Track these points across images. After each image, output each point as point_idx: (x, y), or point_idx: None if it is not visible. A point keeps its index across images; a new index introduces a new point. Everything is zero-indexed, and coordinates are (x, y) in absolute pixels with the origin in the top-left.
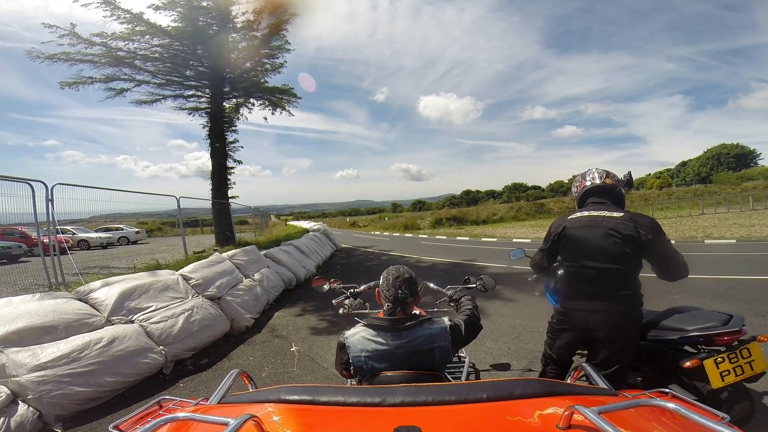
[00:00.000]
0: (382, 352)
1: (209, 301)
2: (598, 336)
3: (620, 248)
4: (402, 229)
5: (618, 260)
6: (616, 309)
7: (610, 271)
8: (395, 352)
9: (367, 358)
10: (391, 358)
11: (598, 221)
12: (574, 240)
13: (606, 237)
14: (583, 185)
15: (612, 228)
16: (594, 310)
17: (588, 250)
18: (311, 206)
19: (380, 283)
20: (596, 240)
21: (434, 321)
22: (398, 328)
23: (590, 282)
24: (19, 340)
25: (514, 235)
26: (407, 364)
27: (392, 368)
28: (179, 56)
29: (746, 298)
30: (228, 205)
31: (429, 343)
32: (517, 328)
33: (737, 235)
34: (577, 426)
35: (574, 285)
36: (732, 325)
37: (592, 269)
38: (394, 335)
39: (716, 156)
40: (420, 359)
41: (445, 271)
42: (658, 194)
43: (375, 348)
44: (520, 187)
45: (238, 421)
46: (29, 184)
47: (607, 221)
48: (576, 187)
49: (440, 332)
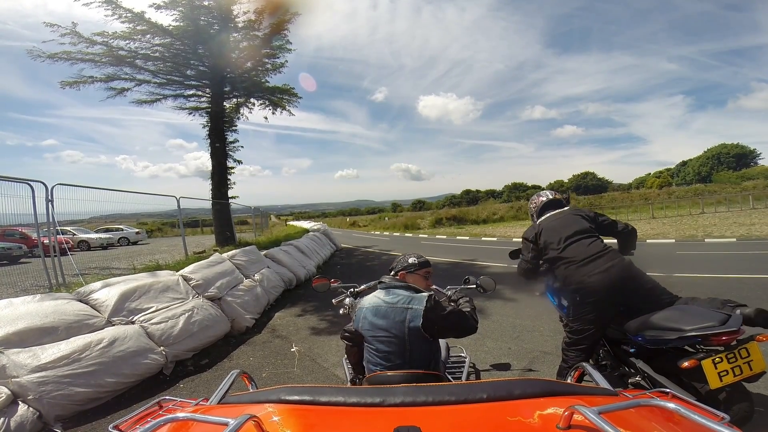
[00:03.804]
0: (375, 305)
1: (209, 302)
2: (621, 290)
3: (586, 223)
4: (402, 228)
5: (589, 231)
6: (614, 262)
7: (588, 239)
8: (381, 305)
9: (366, 309)
10: (378, 311)
11: (562, 213)
12: (550, 230)
13: (573, 219)
14: (540, 201)
15: (574, 213)
16: (599, 270)
17: (563, 231)
18: (311, 206)
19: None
20: (566, 223)
21: (419, 290)
22: (388, 286)
23: (580, 252)
24: (19, 341)
25: (514, 235)
26: (386, 317)
27: (377, 320)
28: (180, 56)
29: (746, 297)
30: (228, 205)
31: (405, 303)
32: (518, 328)
33: (737, 234)
34: (578, 426)
35: (569, 263)
36: (730, 325)
37: (574, 242)
38: (386, 292)
39: (716, 156)
40: (395, 316)
41: (445, 271)
42: (658, 193)
43: (373, 302)
44: (520, 187)
45: (238, 421)
46: (29, 184)
47: (568, 211)
48: (534, 204)
49: (419, 299)
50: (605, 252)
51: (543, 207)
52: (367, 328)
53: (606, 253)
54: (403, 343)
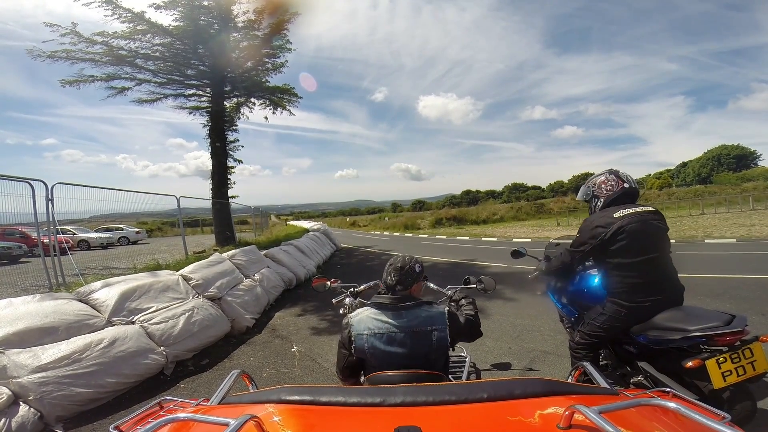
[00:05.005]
0: (383, 331)
1: (210, 302)
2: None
3: (666, 237)
4: (402, 228)
5: (666, 248)
6: (674, 294)
7: (664, 259)
8: (394, 331)
9: (369, 336)
10: (390, 337)
11: (644, 216)
12: (636, 233)
13: (657, 228)
14: (620, 186)
15: (659, 221)
16: (658, 298)
17: (648, 242)
18: (311, 206)
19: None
20: (651, 231)
21: (433, 305)
22: (399, 307)
23: (653, 273)
24: (20, 342)
25: (514, 235)
26: (404, 345)
27: (390, 346)
28: (180, 55)
29: (747, 297)
30: (228, 204)
31: (427, 325)
32: (518, 328)
33: (737, 235)
34: (578, 426)
35: (636, 278)
36: (734, 325)
37: (653, 259)
38: (394, 314)
39: (716, 157)
40: (417, 341)
41: (445, 270)
42: (658, 194)
43: (376, 326)
44: (520, 187)
45: (239, 421)
46: (29, 183)
47: (650, 215)
48: (610, 188)
49: (438, 316)
50: (674, 279)
51: (621, 195)
52: (380, 357)
53: (674, 281)
54: (426, 361)
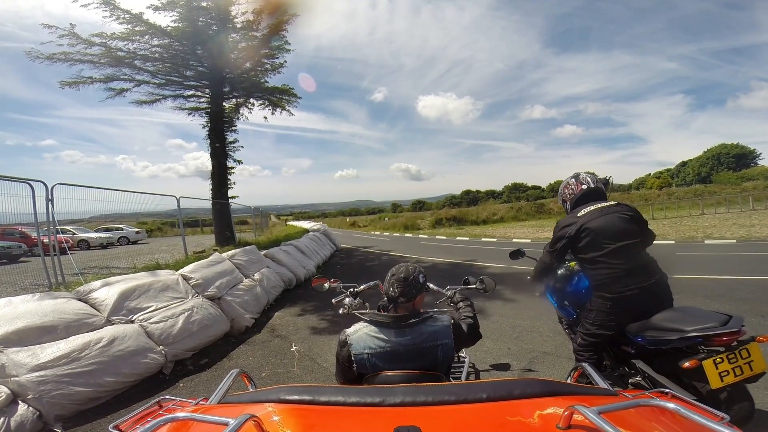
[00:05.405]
0: (386, 350)
1: (209, 301)
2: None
3: (635, 226)
4: (402, 229)
5: (636, 236)
6: (656, 278)
7: (636, 246)
8: (398, 349)
9: (370, 356)
10: (394, 356)
11: (608, 210)
12: (597, 229)
13: (621, 220)
14: (579, 188)
15: (622, 213)
16: (640, 285)
17: (611, 232)
18: (311, 206)
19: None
20: (614, 223)
21: (437, 318)
22: (401, 325)
23: (626, 260)
24: (19, 340)
25: (514, 235)
26: (410, 362)
27: (395, 365)
28: (179, 56)
29: (746, 299)
30: (228, 205)
31: (432, 341)
32: (518, 328)
33: (737, 236)
34: (577, 426)
35: (612, 269)
36: (731, 326)
37: (621, 248)
38: (397, 332)
39: (716, 156)
40: (423, 357)
41: (445, 271)
42: (658, 194)
43: (378, 345)
44: (520, 187)
45: (238, 421)
46: (29, 183)
47: (614, 208)
48: (571, 191)
49: (443, 330)
50: (650, 265)
51: (582, 196)
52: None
53: (651, 267)
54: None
